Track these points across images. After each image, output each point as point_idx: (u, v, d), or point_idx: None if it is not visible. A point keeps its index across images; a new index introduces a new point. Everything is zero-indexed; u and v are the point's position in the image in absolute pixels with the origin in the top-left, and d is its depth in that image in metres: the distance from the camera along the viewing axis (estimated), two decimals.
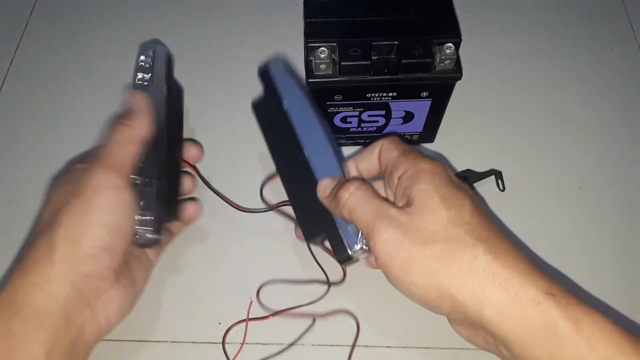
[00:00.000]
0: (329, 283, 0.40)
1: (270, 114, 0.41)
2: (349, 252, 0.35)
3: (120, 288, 0.35)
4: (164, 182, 0.38)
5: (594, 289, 0.41)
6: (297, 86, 0.40)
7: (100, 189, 0.34)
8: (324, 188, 0.36)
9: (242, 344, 0.39)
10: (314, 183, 0.37)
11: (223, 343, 0.39)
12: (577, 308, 0.29)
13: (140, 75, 0.41)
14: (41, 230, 0.34)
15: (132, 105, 0.38)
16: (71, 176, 0.36)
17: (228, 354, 0.38)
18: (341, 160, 0.38)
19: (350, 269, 0.42)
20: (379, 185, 0.37)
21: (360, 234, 0.35)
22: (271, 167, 0.43)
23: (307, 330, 0.39)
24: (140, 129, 0.37)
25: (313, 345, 0.39)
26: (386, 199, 0.34)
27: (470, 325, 0.32)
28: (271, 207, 0.43)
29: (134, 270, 0.38)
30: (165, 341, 0.39)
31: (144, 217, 0.37)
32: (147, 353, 0.39)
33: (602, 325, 0.28)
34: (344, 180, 0.35)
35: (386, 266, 0.32)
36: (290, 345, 0.39)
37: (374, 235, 0.32)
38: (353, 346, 0.39)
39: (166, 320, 0.40)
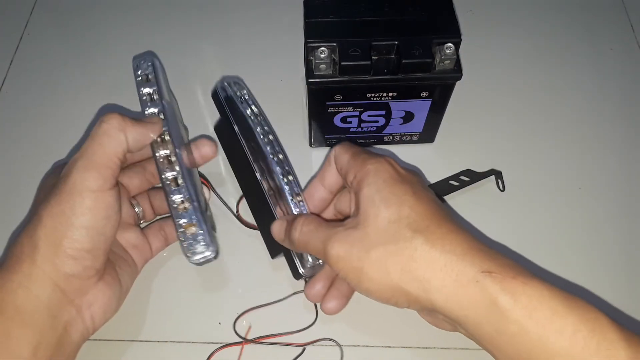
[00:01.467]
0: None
1: (227, 136, 0.43)
2: (300, 271, 0.38)
3: (104, 286, 0.35)
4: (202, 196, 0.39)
5: (595, 288, 0.41)
6: (245, 109, 0.41)
7: (81, 190, 0.33)
8: (277, 232, 0.38)
9: None
10: (269, 206, 0.39)
11: None
12: (513, 281, 0.29)
13: (146, 90, 0.40)
14: (25, 227, 0.34)
15: (145, 119, 0.37)
16: (55, 173, 0.36)
17: None
18: (294, 182, 0.39)
19: None
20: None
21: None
22: None
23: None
24: (130, 132, 0.35)
25: None
26: (333, 220, 0.37)
27: (429, 312, 0.33)
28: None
29: (119, 269, 0.38)
30: (165, 341, 0.39)
31: (198, 237, 0.37)
32: (147, 353, 0.39)
33: (539, 293, 0.29)
34: (291, 218, 0.37)
35: (346, 280, 0.33)
36: None
37: (327, 258, 0.33)
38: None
39: (166, 320, 0.40)
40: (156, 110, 0.39)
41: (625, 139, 0.49)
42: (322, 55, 0.38)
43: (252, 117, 0.41)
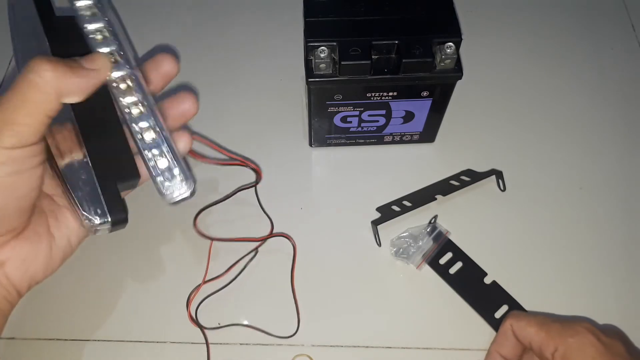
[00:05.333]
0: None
1: None
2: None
3: (22, 242, 0.32)
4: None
5: (595, 288, 0.41)
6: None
7: None
8: None
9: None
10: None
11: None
12: None
13: (84, 3, 0.33)
14: None
15: (86, 64, 0.31)
16: None
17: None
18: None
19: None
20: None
21: None
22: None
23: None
24: (66, 86, 0.30)
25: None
26: None
27: None
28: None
29: (52, 222, 0.34)
30: (165, 342, 0.39)
31: (173, 170, 0.33)
32: (148, 353, 0.39)
33: None
34: None
35: None
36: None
37: None
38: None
39: (165, 321, 0.40)
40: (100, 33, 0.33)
41: (626, 138, 0.49)
42: (322, 55, 0.38)
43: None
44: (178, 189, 0.33)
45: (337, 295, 0.41)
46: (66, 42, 0.33)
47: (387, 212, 0.43)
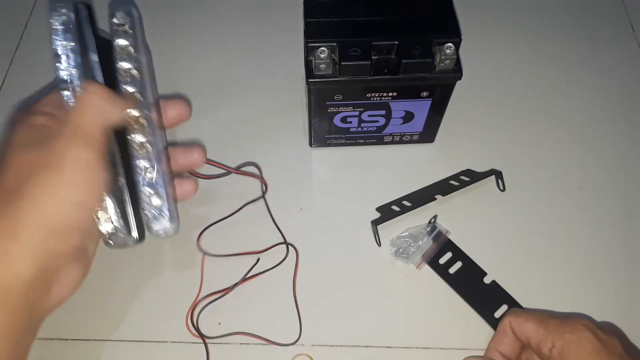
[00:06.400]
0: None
1: None
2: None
3: (75, 263, 0.33)
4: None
5: (595, 288, 0.42)
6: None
7: (72, 163, 0.31)
8: None
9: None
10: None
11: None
12: None
13: (122, 42, 0.37)
14: (1, 199, 0.31)
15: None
16: (34, 135, 0.33)
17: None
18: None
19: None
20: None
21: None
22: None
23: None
24: (117, 104, 0.34)
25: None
26: None
27: None
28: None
29: (86, 243, 0.35)
30: (166, 341, 0.39)
31: (163, 209, 0.36)
32: (148, 352, 0.39)
33: None
34: None
35: None
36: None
37: None
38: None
39: (166, 321, 0.40)
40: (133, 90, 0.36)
41: (625, 138, 0.49)
42: (322, 55, 0.38)
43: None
44: (163, 225, 0.37)
45: (337, 295, 0.41)
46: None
47: (387, 212, 0.44)
